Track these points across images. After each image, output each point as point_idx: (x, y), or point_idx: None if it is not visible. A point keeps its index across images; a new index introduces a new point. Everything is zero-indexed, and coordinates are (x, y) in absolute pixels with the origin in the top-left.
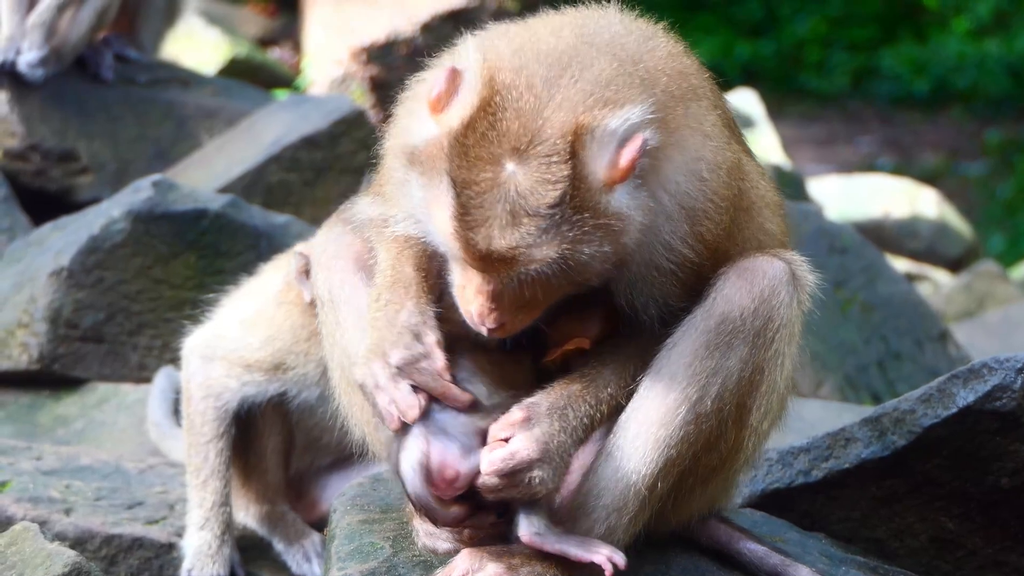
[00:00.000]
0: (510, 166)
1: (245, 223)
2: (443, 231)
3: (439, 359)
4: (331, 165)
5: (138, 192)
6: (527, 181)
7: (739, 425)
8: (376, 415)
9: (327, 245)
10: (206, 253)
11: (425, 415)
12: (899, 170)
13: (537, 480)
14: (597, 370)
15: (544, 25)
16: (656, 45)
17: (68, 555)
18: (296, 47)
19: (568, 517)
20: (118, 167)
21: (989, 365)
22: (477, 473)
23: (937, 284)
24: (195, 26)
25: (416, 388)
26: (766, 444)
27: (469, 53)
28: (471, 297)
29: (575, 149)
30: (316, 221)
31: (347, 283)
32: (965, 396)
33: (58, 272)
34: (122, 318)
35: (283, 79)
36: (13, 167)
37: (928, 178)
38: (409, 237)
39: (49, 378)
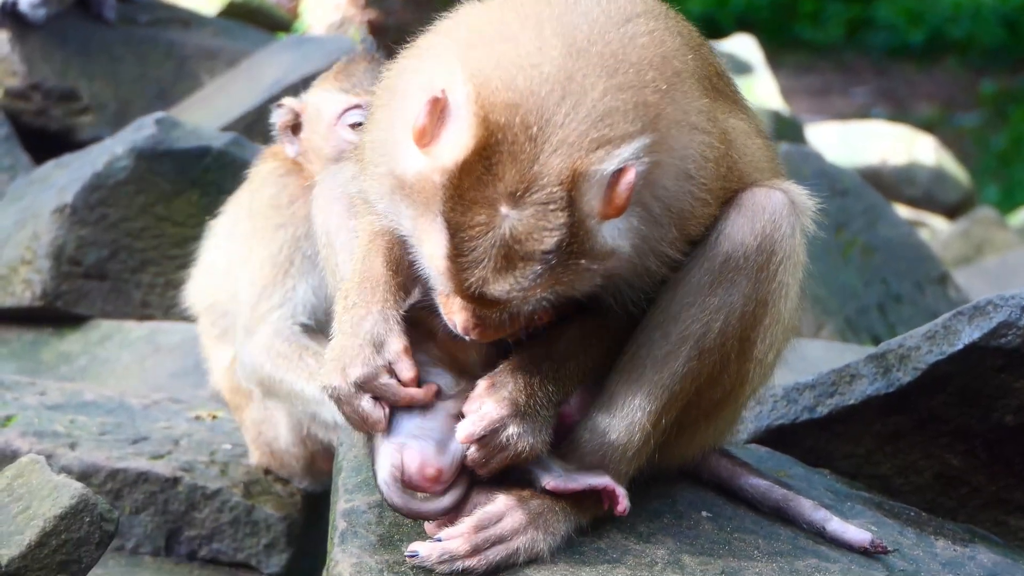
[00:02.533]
0: (505, 210)
1: (248, 161)
2: (435, 266)
3: (406, 369)
4: None
5: (141, 129)
6: (523, 227)
7: (743, 358)
8: (347, 422)
9: (324, 185)
10: (209, 191)
11: (396, 422)
12: (894, 121)
13: (515, 436)
14: (558, 330)
15: (522, 24)
16: (637, 31)
17: (75, 487)
18: None
19: (573, 453)
20: (119, 107)
21: (994, 302)
22: (461, 460)
23: (935, 230)
24: None
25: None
26: (772, 377)
27: (456, 83)
28: (456, 310)
29: (572, 197)
30: None
31: (343, 227)
32: (970, 333)
33: (61, 209)
34: (125, 255)
35: (281, 23)
36: (14, 106)
37: (923, 129)
38: (383, 228)
39: (52, 315)
